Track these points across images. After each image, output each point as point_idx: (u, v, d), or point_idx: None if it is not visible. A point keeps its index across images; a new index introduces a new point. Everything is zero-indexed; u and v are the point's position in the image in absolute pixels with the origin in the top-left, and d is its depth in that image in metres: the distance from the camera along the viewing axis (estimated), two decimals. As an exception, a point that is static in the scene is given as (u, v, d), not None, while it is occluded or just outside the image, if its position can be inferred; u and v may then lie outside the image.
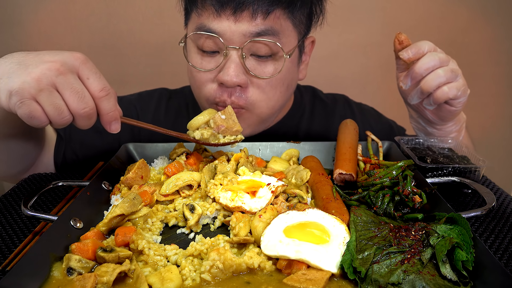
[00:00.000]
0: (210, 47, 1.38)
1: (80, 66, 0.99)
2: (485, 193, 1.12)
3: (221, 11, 1.31)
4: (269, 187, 1.13)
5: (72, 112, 0.98)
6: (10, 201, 1.28)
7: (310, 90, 1.93)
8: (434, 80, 1.26)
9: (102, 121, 1.04)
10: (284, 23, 1.38)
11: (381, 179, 1.17)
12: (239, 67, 1.36)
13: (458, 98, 1.31)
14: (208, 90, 1.44)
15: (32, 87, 0.93)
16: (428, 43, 1.29)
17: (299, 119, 1.81)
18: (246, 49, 1.35)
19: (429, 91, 1.28)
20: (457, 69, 1.29)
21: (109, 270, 0.82)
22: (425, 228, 0.93)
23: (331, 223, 0.97)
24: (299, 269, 0.86)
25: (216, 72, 1.40)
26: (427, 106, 1.37)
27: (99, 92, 1.00)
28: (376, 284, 0.81)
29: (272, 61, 1.41)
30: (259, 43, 1.35)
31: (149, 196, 1.11)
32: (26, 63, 0.96)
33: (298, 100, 1.83)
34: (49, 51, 1.00)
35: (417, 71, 1.28)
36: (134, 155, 1.46)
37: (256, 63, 1.40)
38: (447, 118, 1.43)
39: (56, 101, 0.95)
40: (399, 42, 1.32)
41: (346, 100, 1.96)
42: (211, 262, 0.85)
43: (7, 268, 0.95)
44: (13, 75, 0.95)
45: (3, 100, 0.96)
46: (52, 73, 0.94)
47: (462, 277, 0.82)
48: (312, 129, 1.82)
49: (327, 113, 1.86)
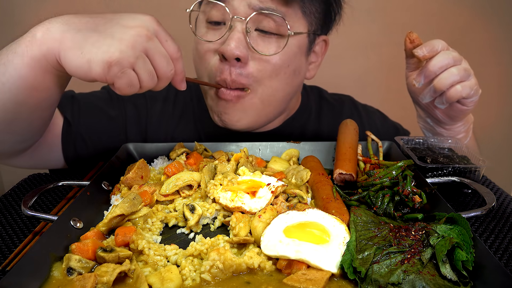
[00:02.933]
0: (216, 16, 1.38)
1: (158, 29, 1.01)
2: (485, 193, 1.12)
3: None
4: (269, 187, 1.12)
5: (160, 75, 1.00)
6: (10, 201, 1.28)
7: (316, 91, 1.91)
8: (448, 79, 1.26)
9: (175, 80, 1.07)
10: (292, 7, 1.37)
11: (381, 179, 1.17)
12: (241, 40, 1.34)
13: (470, 97, 1.32)
14: (209, 62, 1.43)
15: (130, 56, 0.92)
16: (441, 42, 1.29)
17: (306, 120, 1.79)
18: (251, 22, 1.34)
19: (442, 89, 1.28)
20: (469, 68, 1.29)
21: (109, 270, 0.82)
22: (425, 228, 0.93)
23: (331, 223, 0.97)
24: (299, 269, 0.86)
25: (218, 45, 1.38)
26: (439, 105, 1.37)
27: (176, 53, 1.04)
28: (376, 284, 0.81)
29: (276, 39, 1.38)
30: (264, 17, 1.34)
31: (149, 196, 1.11)
32: (106, 30, 0.96)
33: (305, 101, 1.81)
34: (115, 14, 1.02)
35: (431, 69, 1.27)
36: (134, 155, 1.46)
37: (259, 39, 1.38)
38: (458, 117, 1.43)
39: (149, 66, 0.97)
40: (410, 41, 1.32)
41: (352, 101, 1.94)
42: (211, 262, 0.85)
43: (7, 268, 0.95)
44: (99, 44, 0.93)
45: (98, 71, 0.91)
46: (143, 39, 0.95)
47: (462, 277, 0.82)
48: (319, 131, 1.80)
49: (334, 114, 1.84)
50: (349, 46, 2.87)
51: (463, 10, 2.80)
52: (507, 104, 3.08)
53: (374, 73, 2.90)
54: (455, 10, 2.79)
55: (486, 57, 2.92)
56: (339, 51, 2.89)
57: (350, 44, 2.86)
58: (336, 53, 2.88)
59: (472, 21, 2.82)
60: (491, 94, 3.01)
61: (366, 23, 2.80)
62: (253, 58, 1.38)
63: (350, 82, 2.93)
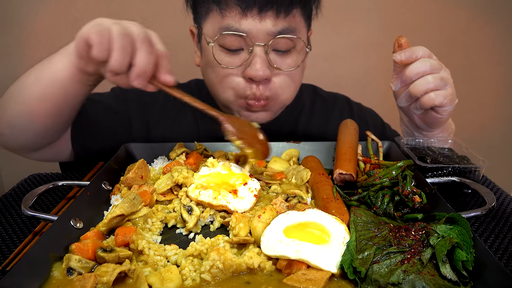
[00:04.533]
0: (235, 45, 1.45)
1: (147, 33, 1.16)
2: (485, 193, 1.12)
3: (247, 11, 1.39)
4: (249, 190, 1.14)
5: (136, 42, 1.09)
6: (10, 201, 1.28)
7: (311, 88, 1.98)
8: (422, 85, 1.28)
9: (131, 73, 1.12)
10: (299, 20, 1.49)
11: (380, 179, 1.17)
12: (264, 62, 1.45)
13: (444, 106, 1.33)
14: (234, 84, 1.52)
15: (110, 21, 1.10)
16: (423, 49, 1.30)
17: (298, 114, 1.85)
18: (270, 45, 1.43)
19: (416, 95, 1.30)
20: (448, 78, 1.30)
21: (109, 270, 0.82)
22: (425, 228, 0.93)
23: (331, 223, 0.97)
24: (299, 269, 0.86)
25: (242, 68, 1.48)
26: (414, 111, 1.40)
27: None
28: (376, 284, 0.81)
29: (291, 54, 1.51)
30: (282, 39, 1.44)
31: (149, 196, 1.11)
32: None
33: (298, 96, 1.85)
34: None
35: (408, 74, 1.30)
36: (134, 155, 1.46)
37: (277, 57, 1.49)
38: (434, 125, 1.45)
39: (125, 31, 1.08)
40: (398, 44, 1.33)
41: (346, 99, 2.00)
42: (211, 262, 0.85)
43: (7, 268, 0.95)
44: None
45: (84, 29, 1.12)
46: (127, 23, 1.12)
47: (462, 277, 0.82)
48: (311, 125, 1.85)
49: (326, 109, 1.91)
50: (349, 47, 2.87)
51: (463, 10, 2.80)
52: (507, 104, 3.08)
53: (374, 74, 2.90)
54: (455, 10, 2.79)
55: (486, 57, 2.92)
56: (339, 51, 2.90)
57: (350, 45, 2.87)
58: (336, 53, 2.90)
59: (472, 21, 2.82)
60: (491, 94, 3.02)
61: (366, 23, 2.80)
62: (274, 74, 1.51)
63: (350, 82, 2.94)
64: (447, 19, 2.80)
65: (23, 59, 2.69)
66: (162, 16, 2.60)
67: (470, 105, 2.74)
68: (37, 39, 2.69)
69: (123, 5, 2.67)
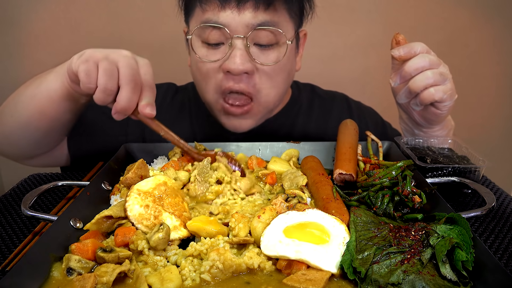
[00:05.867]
0: (215, 39, 1.45)
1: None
2: (485, 193, 1.12)
3: (226, 4, 1.39)
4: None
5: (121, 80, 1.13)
6: (10, 201, 1.28)
7: (309, 87, 1.97)
8: (422, 81, 1.28)
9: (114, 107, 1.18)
10: (282, 15, 1.47)
11: (380, 179, 1.16)
12: (244, 55, 1.43)
13: (443, 102, 1.32)
14: (215, 80, 1.51)
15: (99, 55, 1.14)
16: (421, 45, 1.30)
17: (295, 114, 1.84)
18: (249, 38, 1.43)
19: (416, 91, 1.30)
20: (447, 73, 1.30)
21: (108, 270, 0.82)
22: (425, 228, 0.93)
23: (331, 223, 0.97)
24: (299, 269, 0.86)
25: (221, 62, 1.46)
26: (414, 107, 1.39)
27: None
28: (376, 284, 0.81)
29: (274, 49, 1.49)
30: (262, 32, 1.43)
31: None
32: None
33: (296, 96, 1.86)
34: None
35: (407, 70, 1.29)
36: (133, 155, 1.46)
37: (259, 52, 1.47)
38: (434, 121, 1.45)
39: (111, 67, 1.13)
40: (396, 41, 1.33)
41: (345, 97, 1.99)
42: (211, 262, 0.85)
43: (7, 268, 0.95)
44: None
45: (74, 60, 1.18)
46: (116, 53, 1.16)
47: (462, 277, 0.82)
48: (309, 125, 1.84)
49: (324, 108, 1.90)
50: (350, 46, 2.87)
51: (463, 10, 2.80)
52: (507, 104, 3.08)
53: (374, 73, 2.90)
54: (455, 10, 2.79)
55: (486, 57, 2.92)
56: (339, 51, 2.90)
57: (350, 44, 2.86)
58: (336, 53, 2.90)
59: (472, 21, 2.82)
60: (491, 94, 3.02)
61: (366, 23, 2.80)
62: (257, 69, 1.49)
63: (350, 82, 2.93)
64: (447, 19, 2.79)
65: (23, 59, 2.69)
66: (162, 16, 2.60)
67: (470, 105, 2.74)
68: (37, 39, 2.69)
69: (123, 5, 2.67)
